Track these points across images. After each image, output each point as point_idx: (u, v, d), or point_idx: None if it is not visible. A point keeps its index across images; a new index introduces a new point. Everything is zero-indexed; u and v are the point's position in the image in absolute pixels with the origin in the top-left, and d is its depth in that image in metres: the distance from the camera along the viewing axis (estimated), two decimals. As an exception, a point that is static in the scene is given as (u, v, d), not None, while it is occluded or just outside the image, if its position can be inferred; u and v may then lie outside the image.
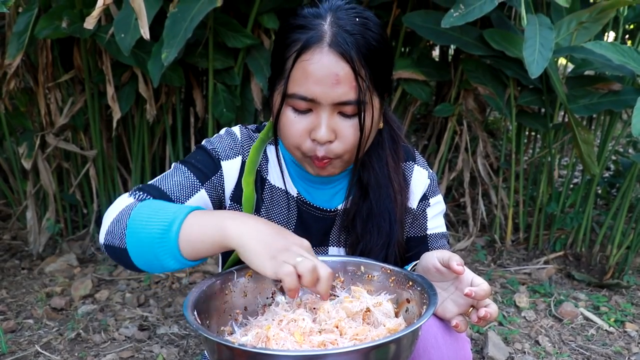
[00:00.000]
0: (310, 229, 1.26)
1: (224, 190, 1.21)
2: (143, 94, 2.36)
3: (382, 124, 1.19)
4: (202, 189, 1.16)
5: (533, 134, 3.25)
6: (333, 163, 1.13)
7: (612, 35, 2.65)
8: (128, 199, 1.09)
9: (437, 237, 1.32)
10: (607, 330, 2.15)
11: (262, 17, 2.28)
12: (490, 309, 1.00)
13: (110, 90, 2.33)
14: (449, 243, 1.38)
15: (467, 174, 2.86)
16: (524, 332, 2.13)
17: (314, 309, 1.02)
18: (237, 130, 1.24)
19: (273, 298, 1.10)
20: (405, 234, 1.30)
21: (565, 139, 2.82)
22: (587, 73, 2.52)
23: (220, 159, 1.19)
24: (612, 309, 2.28)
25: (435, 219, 1.32)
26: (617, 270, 2.57)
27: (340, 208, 1.25)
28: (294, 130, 1.09)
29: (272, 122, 1.18)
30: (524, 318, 2.22)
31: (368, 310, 1.02)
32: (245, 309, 1.08)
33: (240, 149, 1.21)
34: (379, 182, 1.22)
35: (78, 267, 2.48)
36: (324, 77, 1.03)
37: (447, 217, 1.36)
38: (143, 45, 2.14)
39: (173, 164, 1.20)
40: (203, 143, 1.23)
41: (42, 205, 2.70)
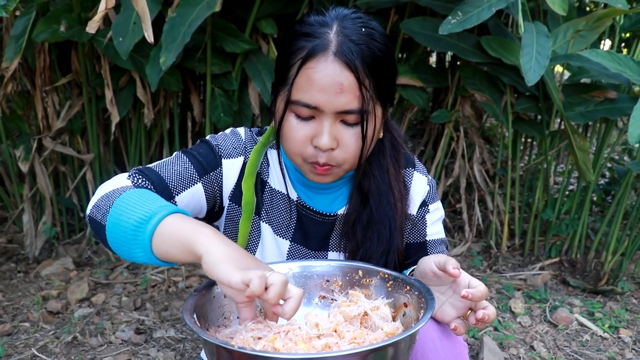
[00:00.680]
0: (310, 233, 1.26)
1: (222, 188, 1.21)
2: (141, 98, 2.37)
3: (382, 133, 1.20)
4: (199, 183, 1.17)
5: (529, 141, 3.26)
6: (333, 172, 1.14)
7: (608, 44, 2.67)
8: (126, 180, 1.10)
9: (436, 243, 1.33)
10: (601, 336, 2.16)
11: (260, 22, 2.28)
12: (488, 311, 1.00)
13: (109, 94, 2.34)
14: (448, 249, 1.38)
15: (463, 180, 2.87)
16: (519, 337, 2.13)
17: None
18: (241, 132, 1.24)
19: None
20: (405, 240, 1.30)
21: (561, 146, 2.83)
22: (583, 81, 2.53)
23: (222, 157, 1.20)
24: (606, 315, 2.29)
25: (434, 225, 1.33)
26: (611, 277, 2.58)
27: (340, 213, 1.26)
28: (296, 137, 1.10)
29: (273, 127, 1.18)
30: (519, 323, 2.22)
31: (366, 315, 1.02)
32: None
33: (243, 150, 1.22)
34: (380, 189, 1.23)
35: (74, 270, 2.48)
36: (328, 85, 1.04)
37: (443, 222, 1.36)
38: (141, 50, 2.14)
39: (175, 153, 1.21)
40: (207, 138, 1.23)
41: (38, 209, 2.69)
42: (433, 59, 3.69)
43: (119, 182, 1.09)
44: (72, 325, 2.07)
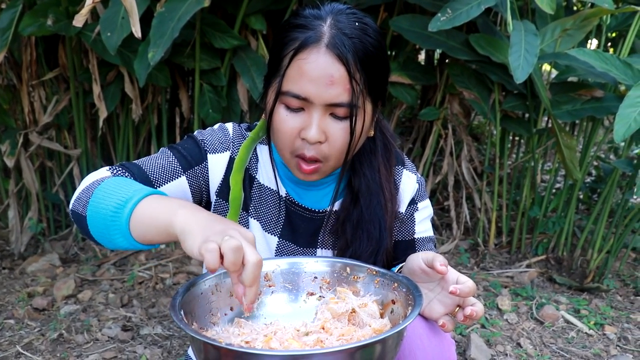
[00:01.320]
0: (298, 229, 1.26)
1: (208, 183, 1.21)
2: (129, 94, 2.35)
3: (372, 132, 1.20)
4: (182, 176, 1.17)
5: (517, 139, 3.28)
6: (319, 170, 1.13)
7: (594, 43, 2.68)
8: (106, 172, 1.10)
9: (424, 241, 1.33)
10: (587, 333, 2.17)
11: (249, 18, 2.28)
12: (476, 307, 1.01)
13: (97, 89, 2.32)
14: (436, 247, 1.38)
15: (451, 178, 2.88)
16: (506, 334, 2.15)
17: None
18: (229, 127, 1.24)
19: (259, 298, 1.10)
20: (393, 238, 1.30)
21: (549, 144, 2.85)
22: (570, 79, 2.55)
23: (207, 152, 1.20)
24: (592, 312, 2.31)
25: (423, 223, 1.33)
26: (597, 274, 2.59)
27: (329, 210, 1.26)
28: (285, 128, 1.10)
29: (264, 120, 1.18)
30: (506, 321, 2.23)
31: (353, 311, 1.02)
32: (232, 309, 1.08)
33: (230, 145, 1.22)
34: (370, 189, 1.23)
35: (61, 267, 2.46)
36: (319, 77, 1.04)
37: (431, 220, 1.37)
38: (129, 44, 2.13)
39: (161, 148, 1.21)
40: (194, 133, 1.24)
41: (24, 204, 2.67)
42: (422, 57, 3.70)
43: (100, 174, 1.09)
44: (57, 322, 2.05)
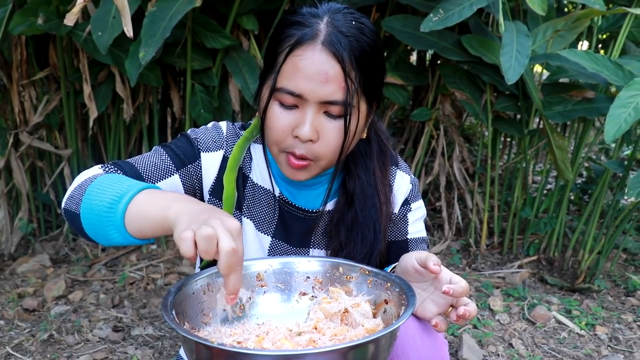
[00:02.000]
0: (291, 229, 1.26)
1: (201, 182, 1.21)
2: (120, 93, 2.34)
3: (365, 134, 1.20)
4: (175, 174, 1.16)
5: (508, 140, 3.29)
6: (309, 168, 1.13)
7: (585, 45, 2.70)
8: (98, 170, 1.10)
9: (417, 241, 1.33)
10: (578, 334, 2.18)
11: (241, 18, 2.27)
12: (469, 307, 1.00)
13: (87, 89, 2.30)
14: (429, 248, 1.38)
15: (443, 178, 2.88)
16: (498, 335, 2.15)
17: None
18: (223, 126, 1.24)
19: (251, 298, 1.10)
20: (386, 239, 1.30)
21: (540, 145, 2.86)
22: (562, 80, 2.55)
23: (201, 150, 1.19)
24: (583, 313, 2.32)
25: (416, 224, 1.33)
26: (588, 275, 2.60)
27: (321, 210, 1.26)
28: (278, 125, 1.09)
29: (258, 118, 1.18)
30: (498, 321, 2.24)
31: (346, 311, 1.02)
32: (224, 310, 1.08)
33: (224, 144, 1.21)
34: (365, 191, 1.22)
35: (51, 267, 2.45)
36: (314, 74, 1.04)
37: (424, 221, 1.38)
38: (120, 44, 2.12)
39: (154, 147, 1.20)
40: (188, 131, 1.23)
41: (14, 205, 2.65)
42: (414, 57, 3.70)
43: (92, 172, 1.09)
44: (48, 323, 2.04)
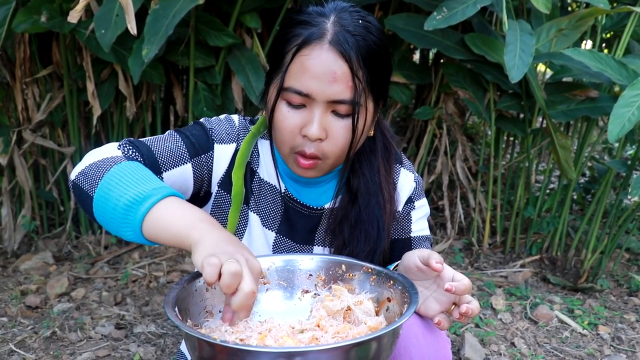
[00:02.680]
0: (296, 226, 1.26)
1: (211, 173, 1.20)
2: (123, 91, 2.34)
3: (372, 132, 1.20)
4: (188, 163, 1.15)
5: (511, 139, 3.28)
6: (318, 166, 1.13)
7: (589, 44, 2.69)
8: (116, 150, 1.07)
9: (420, 239, 1.33)
10: (580, 333, 2.18)
11: (244, 16, 2.27)
12: (472, 305, 1.00)
13: (91, 87, 2.31)
14: (432, 246, 1.38)
15: (445, 177, 2.88)
16: (500, 334, 2.15)
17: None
18: (235, 119, 1.24)
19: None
20: (390, 237, 1.30)
21: (543, 144, 2.85)
22: (565, 79, 2.55)
23: (215, 141, 1.19)
24: (585, 312, 2.31)
25: (419, 222, 1.33)
26: (591, 274, 2.60)
27: (327, 207, 1.26)
28: (286, 125, 1.09)
29: (265, 116, 1.17)
30: (500, 320, 2.24)
31: (349, 309, 1.02)
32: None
33: (236, 137, 1.21)
34: (369, 189, 1.22)
35: (54, 265, 2.45)
36: (321, 73, 1.04)
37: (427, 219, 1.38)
38: (123, 42, 2.12)
39: (168, 131, 1.19)
40: (202, 120, 1.22)
41: (17, 202, 2.65)
42: (417, 56, 3.70)
43: (109, 151, 1.06)
44: (51, 320, 2.04)
